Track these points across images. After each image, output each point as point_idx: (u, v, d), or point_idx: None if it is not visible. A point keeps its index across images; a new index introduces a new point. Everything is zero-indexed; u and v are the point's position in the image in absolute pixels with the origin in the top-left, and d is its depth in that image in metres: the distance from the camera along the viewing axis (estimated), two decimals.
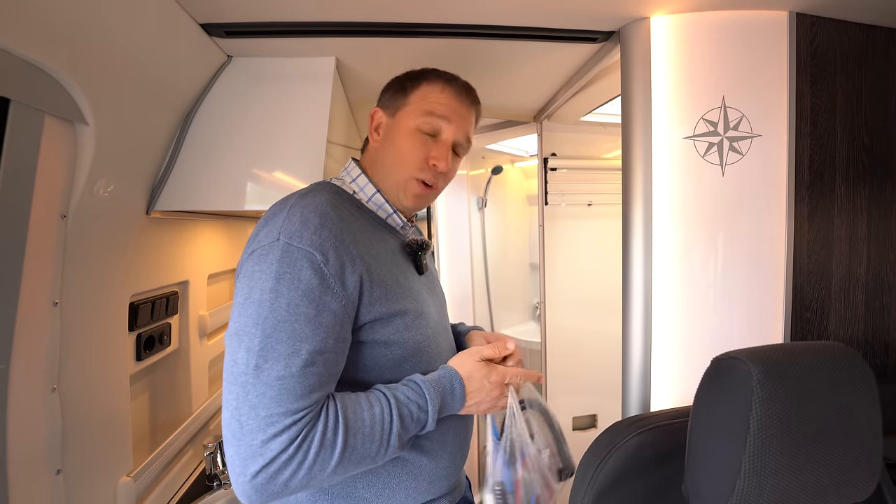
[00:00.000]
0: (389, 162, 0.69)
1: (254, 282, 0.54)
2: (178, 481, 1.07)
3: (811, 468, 0.50)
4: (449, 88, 0.70)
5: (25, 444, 0.65)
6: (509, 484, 0.67)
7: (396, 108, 0.71)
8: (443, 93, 0.70)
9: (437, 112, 0.68)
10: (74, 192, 0.70)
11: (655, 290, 0.83)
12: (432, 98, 0.69)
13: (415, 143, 0.68)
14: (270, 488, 0.50)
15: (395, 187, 0.69)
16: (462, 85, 0.73)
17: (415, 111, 0.69)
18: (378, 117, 0.73)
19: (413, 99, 0.70)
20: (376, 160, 0.71)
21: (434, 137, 0.69)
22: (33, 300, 0.65)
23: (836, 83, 0.85)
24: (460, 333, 0.84)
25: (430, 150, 0.68)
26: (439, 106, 0.69)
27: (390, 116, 0.71)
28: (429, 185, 0.70)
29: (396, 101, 0.71)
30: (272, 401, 0.50)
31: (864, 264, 0.87)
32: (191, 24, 0.78)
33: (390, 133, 0.70)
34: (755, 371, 0.49)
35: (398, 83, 0.73)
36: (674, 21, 0.82)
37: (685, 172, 0.83)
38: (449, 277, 2.04)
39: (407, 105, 0.70)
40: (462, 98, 0.71)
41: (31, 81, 0.58)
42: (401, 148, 0.68)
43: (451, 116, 0.69)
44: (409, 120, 0.69)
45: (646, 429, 0.67)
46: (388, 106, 0.72)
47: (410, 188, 0.69)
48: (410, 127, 0.68)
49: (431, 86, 0.70)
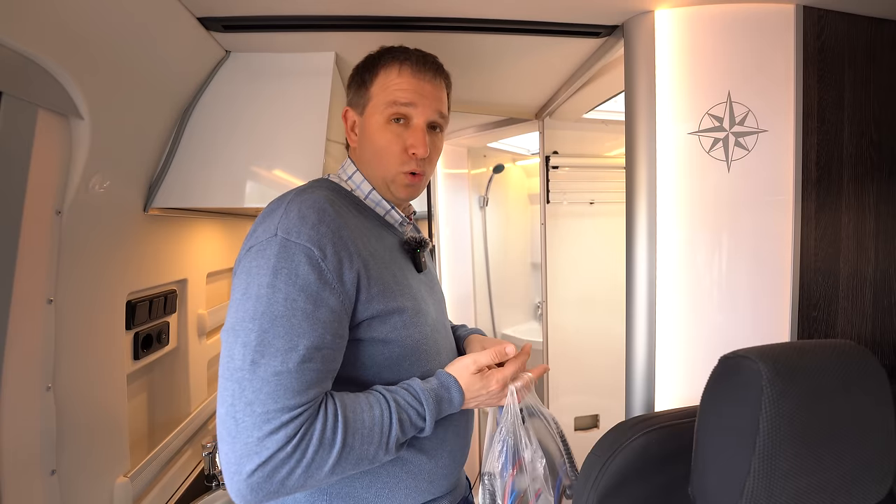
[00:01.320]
0: (371, 160, 0.68)
1: (251, 277, 0.53)
2: (176, 482, 1.06)
3: (823, 469, 0.48)
4: (406, 69, 0.66)
5: (19, 444, 0.64)
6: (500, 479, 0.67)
7: (363, 104, 0.69)
8: (401, 76, 0.66)
9: (401, 100, 0.65)
10: (69, 188, 0.69)
11: (660, 287, 0.82)
12: (392, 85, 0.66)
13: (388, 136, 0.66)
14: (267, 487, 0.49)
15: (385, 183, 0.69)
16: (418, 59, 0.68)
17: (379, 104, 0.67)
18: (350, 117, 0.72)
19: (374, 91, 0.68)
20: (360, 160, 0.71)
21: (406, 125, 0.67)
22: (27, 297, 0.64)
23: (843, 78, 0.83)
24: (460, 338, 0.82)
25: (406, 139, 0.66)
26: (401, 93, 0.66)
27: (360, 115, 0.70)
28: (416, 174, 0.68)
29: (361, 97, 0.69)
30: (268, 397, 0.49)
31: (872, 262, 0.86)
32: (188, 17, 0.77)
33: (364, 132, 0.69)
34: (765, 370, 0.48)
35: (358, 77, 0.71)
36: (679, 14, 0.81)
37: (690, 168, 0.81)
38: (450, 277, 2.03)
39: (371, 99, 0.68)
40: (422, 74, 0.67)
41: (24, 74, 0.57)
42: (377, 145, 0.67)
43: (416, 99, 0.66)
44: (377, 115, 0.67)
45: (651, 429, 0.65)
46: (356, 104, 0.71)
47: (399, 181, 0.68)
48: (380, 122, 0.67)
49: (388, 71, 0.67)
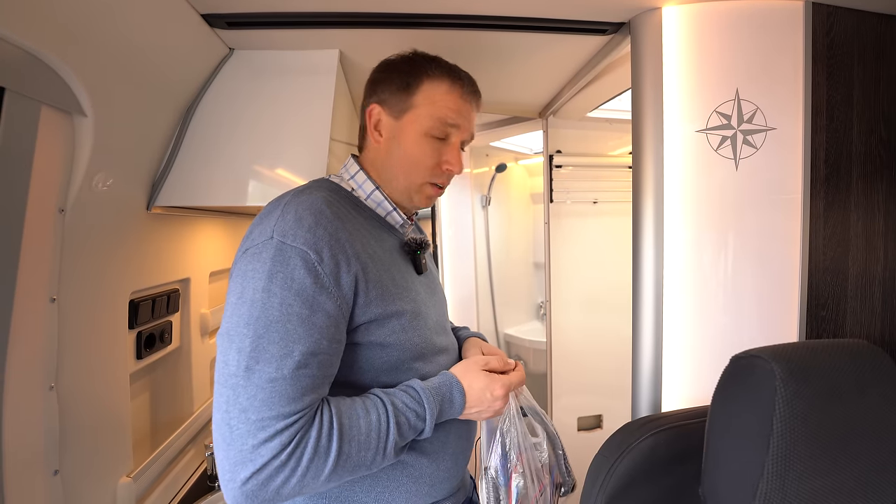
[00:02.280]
0: (399, 167, 0.67)
1: (246, 281, 0.52)
2: (179, 481, 1.05)
3: (838, 471, 0.47)
4: (457, 89, 0.68)
5: (22, 443, 0.64)
6: (503, 476, 0.67)
7: (401, 109, 0.67)
8: (450, 94, 0.67)
9: (449, 119, 0.66)
10: (72, 186, 0.69)
11: (667, 287, 0.81)
12: (440, 101, 0.66)
13: (426, 149, 0.66)
14: (261, 495, 0.48)
15: (408, 191, 0.69)
16: (469, 82, 0.70)
17: (423, 115, 0.66)
18: (377, 115, 0.68)
19: (419, 101, 0.66)
20: (380, 162, 0.69)
21: (444, 141, 0.68)
22: (30, 296, 0.64)
23: (853, 75, 0.82)
24: (460, 338, 0.82)
25: (443, 155, 0.67)
26: (450, 112, 0.66)
27: (394, 118, 0.67)
28: (440, 187, 0.70)
29: (400, 100, 0.67)
30: (263, 404, 0.48)
31: (881, 261, 0.85)
32: (192, 14, 0.77)
33: (397, 136, 0.67)
34: (778, 370, 0.47)
35: (399, 79, 0.67)
36: (686, 11, 0.80)
37: (698, 167, 0.81)
38: (452, 276, 2.02)
39: (413, 108, 0.66)
40: (469, 97, 0.69)
41: (28, 71, 0.57)
42: (412, 154, 0.66)
43: (461, 122, 0.68)
44: (417, 125, 0.66)
45: (660, 429, 0.64)
46: (392, 105, 0.67)
47: (424, 192, 0.69)
48: (419, 132, 0.66)
49: (436, 85, 0.66)
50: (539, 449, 0.72)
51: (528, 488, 0.67)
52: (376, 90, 0.69)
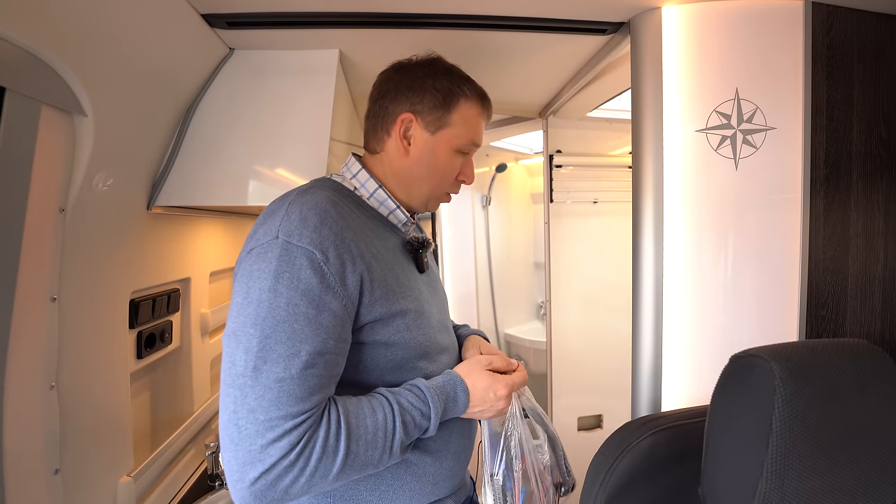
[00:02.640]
0: (426, 177, 0.69)
1: (252, 281, 0.52)
2: (179, 481, 1.06)
3: (837, 470, 0.48)
4: (485, 116, 0.73)
5: (23, 443, 0.64)
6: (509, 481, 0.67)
7: (438, 125, 0.67)
8: (480, 118, 0.71)
9: (477, 142, 0.72)
10: (73, 186, 0.69)
11: (666, 286, 0.81)
12: (472, 123, 0.70)
13: (454, 164, 0.70)
14: (270, 495, 0.48)
15: (429, 199, 0.72)
16: (488, 103, 0.73)
17: (457, 135, 0.68)
18: (408, 125, 0.67)
19: (455, 120, 0.68)
20: (404, 170, 0.69)
21: (465, 155, 0.72)
22: (30, 295, 0.64)
23: (852, 75, 0.82)
24: (461, 336, 0.82)
25: (462, 168, 0.72)
26: (479, 134, 0.72)
27: (430, 133, 0.67)
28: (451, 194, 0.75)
29: (438, 117, 0.67)
30: (271, 404, 0.48)
31: (881, 261, 0.85)
32: (192, 14, 0.77)
33: (429, 149, 0.68)
34: (777, 369, 0.47)
35: (438, 94, 0.67)
36: (686, 11, 0.80)
37: (697, 166, 0.81)
38: (453, 276, 2.02)
39: (449, 126, 0.68)
40: (487, 118, 0.74)
41: (28, 70, 0.57)
42: (439, 168, 0.69)
43: (482, 140, 0.74)
44: (452, 143, 0.69)
45: (659, 429, 0.65)
46: (427, 119, 0.67)
47: (441, 199, 0.74)
48: (450, 149, 0.69)
49: (470, 106, 0.70)
50: (541, 451, 0.72)
51: (533, 491, 0.68)
52: (410, 98, 0.67)
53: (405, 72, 0.69)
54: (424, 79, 0.68)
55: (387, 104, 0.68)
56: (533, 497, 0.68)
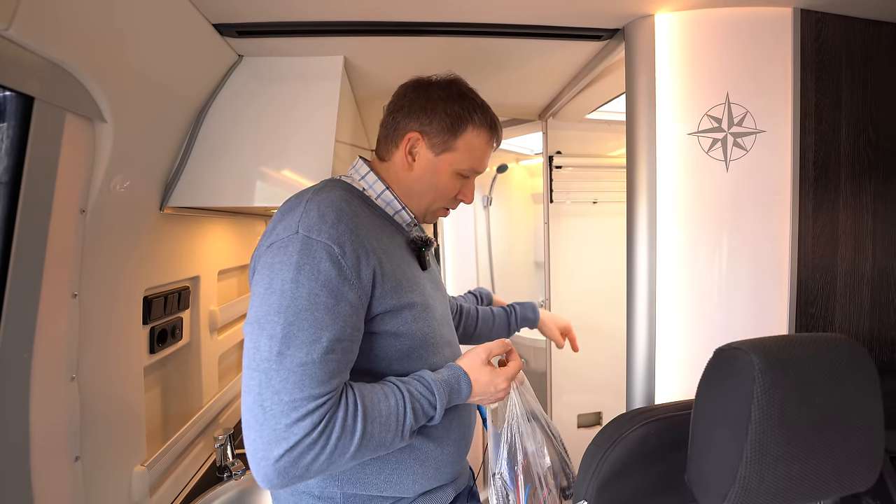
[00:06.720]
0: (425, 193, 0.74)
1: (274, 272, 0.55)
2: (189, 472, 1.09)
3: (813, 456, 0.50)
4: (491, 142, 0.75)
5: (46, 430, 0.67)
6: (510, 478, 0.70)
7: (443, 148, 0.71)
8: (487, 147, 0.74)
9: (479, 169, 0.75)
10: (93, 188, 0.73)
11: (659, 285, 0.84)
12: (477, 151, 0.73)
13: (453, 185, 0.74)
14: (293, 472, 0.52)
15: (423, 211, 0.76)
16: (498, 132, 0.76)
17: (460, 160, 0.72)
18: (414, 143, 0.71)
19: (460, 145, 0.71)
20: (406, 182, 0.73)
21: (466, 178, 0.76)
22: (54, 292, 0.68)
23: (841, 79, 0.85)
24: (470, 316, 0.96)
25: (461, 188, 0.76)
26: (483, 162, 0.75)
27: (434, 154, 0.71)
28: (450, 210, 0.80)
29: (443, 141, 0.70)
30: (295, 386, 0.52)
31: (869, 260, 0.87)
32: (204, 24, 0.80)
33: (431, 168, 0.72)
34: (756, 360, 0.50)
35: (446, 119, 0.70)
36: (678, 18, 0.83)
37: (689, 168, 0.83)
38: (454, 275, 2.05)
39: (454, 150, 0.71)
40: (495, 145, 0.77)
41: (54, 80, 0.61)
42: (439, 186, 0.73)
43: (485, 167, 0.77)
44: (454, 166, 0.72)
45: (650, 420, 0.67)
46: (433, 141, 0.70)
47: (439, 213, 0.79)
48: (452, 172, 0.73)
49: (477, 135, 0.72)
50: (542, 454, 0.75)
51: (536, 489, 0.70)
52: (420, 118, 0.70)
53: (421, 90, 0.72)
54: (437, 101, 0.70)
55: (399, 119, 0.72)
56: (536, 494, 0.71)
